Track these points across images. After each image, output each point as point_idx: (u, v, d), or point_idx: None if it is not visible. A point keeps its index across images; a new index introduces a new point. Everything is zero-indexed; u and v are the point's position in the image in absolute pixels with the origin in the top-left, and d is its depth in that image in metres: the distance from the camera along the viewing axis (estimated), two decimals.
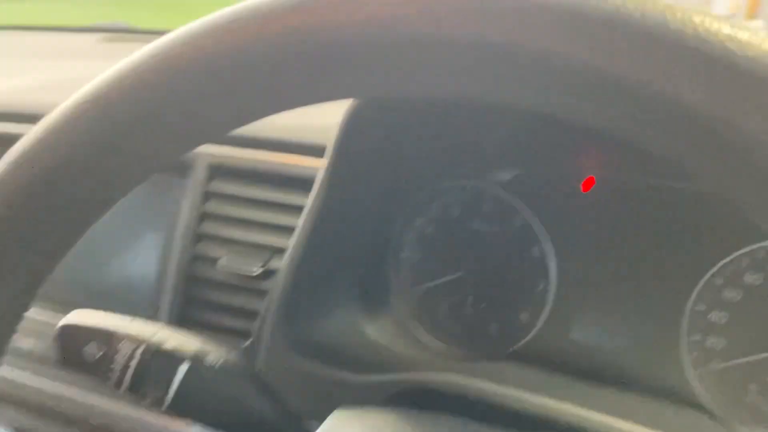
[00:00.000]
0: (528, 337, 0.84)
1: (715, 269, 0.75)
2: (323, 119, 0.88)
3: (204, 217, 0.92)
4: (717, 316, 0.76)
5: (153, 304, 0.92)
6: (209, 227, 0.91)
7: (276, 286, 0.81)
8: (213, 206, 0.92)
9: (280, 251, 0.85)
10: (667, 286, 0.78)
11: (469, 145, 0.86)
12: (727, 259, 0.74)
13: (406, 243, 0.90)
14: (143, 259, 0.96)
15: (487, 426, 0.68)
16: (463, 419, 0.69)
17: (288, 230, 0.86)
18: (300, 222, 0.80)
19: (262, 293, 0.85)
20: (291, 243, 0.81)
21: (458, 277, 0.87)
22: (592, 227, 0.82)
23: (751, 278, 0.75)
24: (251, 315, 0.85)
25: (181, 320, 0.90)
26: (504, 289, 0.86)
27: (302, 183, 0.86)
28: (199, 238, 0.91)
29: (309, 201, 0.79)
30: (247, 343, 0.84)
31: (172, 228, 0.93)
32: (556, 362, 0.82)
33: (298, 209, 0.85)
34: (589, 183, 0.82)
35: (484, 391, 0.74)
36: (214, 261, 0.89)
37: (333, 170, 0.76)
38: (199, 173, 0.92)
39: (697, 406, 0.76)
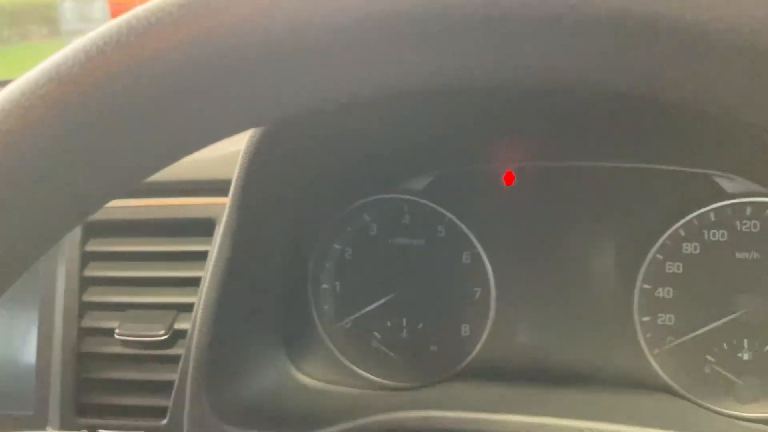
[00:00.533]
0: (475, 351, 0.78)
1: (657, 245, 0.72)
2: (207, 153, 0.78)
3: (86, 283, 0.78)
4: (663, 292, 0.73)
5: (40, 396, 0.78)
6: (94, 294, 0.78)
7: (189, 349, 0.70)
8: (95, 269, 0.79)
9: (186, 308, 0.74)
10: (610, 269, 0.75)
11: (376, 158, 0.78)
12: (668, 232, 0.72)
13: (324, 273, 0.81)
14: (18, 344, 0.81)
15: None
16: None
17: (190, 282, 0.75)
18: (207, 270, 0.69)
19: (172, 360, 0.74)
20: (200, 296, 0.70)
21: (388, 300, 0.79)
22: (522, 221, 0.77)
23: (689, 248, 0.73)
24: (163, 387, 0.73)
25: (78, 409, 0.76)
26: (440, 304, 0.79)
27: (197, 226, 0.76)
28: (83, 308, 0.78)
29: (215, 245, 0.68)
30: (165, 421, 0.72)
31: (48, 301, 0.79)
32: (509, 372, 0.76)
33: (197, 257, 0.75)
34: (510, 176, 0.77)
35: (440, 421, 0.67)
36: (107, 332, 0.76)
37: (239, 207, 0.66)
38: (72, 233, 0.78)
39: (662, 388, 0.73)
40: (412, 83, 0.28)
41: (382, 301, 0.79)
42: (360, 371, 0.80)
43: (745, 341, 0.71)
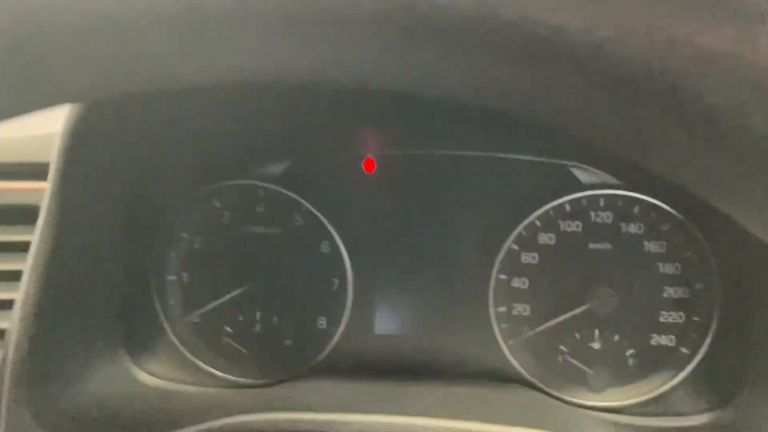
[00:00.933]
0: (331, 345, 0.74)
1: (514, 235, 0.71)
2: (22, 133, 0.69)
3: None
4: (519, 283, 0.73)
5: None
6: None
7: (7, 349, 0.62)
8: None
9: (4, 305, 0.66)
10: (468, 260, 0.73)
11: (227, 141, 0.73)
12: (524, 223, 0.71)
13: (170, 264, 0.75)
14: None
15: None
16: None
17: (10, 276, 0.66)
18: (27, 263, 0.61)
19: None
20: (20, 292, 0.62)
21: (240, 292, 0.74)
22: (382, 210, 0.74)
23: (544, 239, 0.73)
24: None
25: None
26: (296, 296, 0.75)
27: (16, 214, 0.67)
28: None
29: (35, 235, 0.61)
30: None
31: None
32: (367, 365, 0.74)
33: (17, 247, 0.66)
34: (370, 164, 0.74)
35: (288, 422, 0.63)
36: None
37: (60, 191, 0.59)
38: None
39: (516, 379, 0.72)
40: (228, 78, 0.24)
41: (234, 293, 0.74)
42: (209, 368, 0.75)
43: (596, 331, 0.72)
